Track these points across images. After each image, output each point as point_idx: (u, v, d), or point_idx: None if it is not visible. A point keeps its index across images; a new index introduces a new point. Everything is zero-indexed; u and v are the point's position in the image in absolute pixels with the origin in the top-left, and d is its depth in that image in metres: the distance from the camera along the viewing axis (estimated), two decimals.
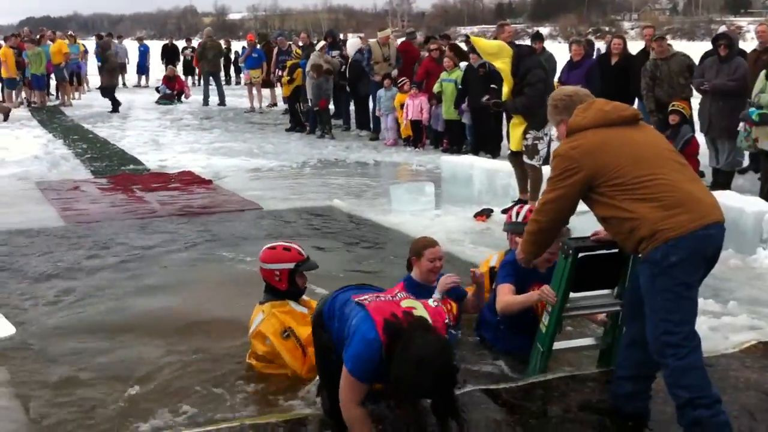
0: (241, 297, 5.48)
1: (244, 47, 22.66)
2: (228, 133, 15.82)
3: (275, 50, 18.59)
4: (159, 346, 4.95)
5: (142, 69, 27.45)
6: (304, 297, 4.65)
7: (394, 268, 6.55)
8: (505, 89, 8.16)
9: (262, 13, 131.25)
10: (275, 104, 20.19)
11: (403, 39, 15.84)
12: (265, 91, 20.22)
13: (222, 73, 24.60)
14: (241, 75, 26.96)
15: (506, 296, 4.47)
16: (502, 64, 8.02)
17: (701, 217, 3.44)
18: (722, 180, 9.07)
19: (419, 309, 3.53)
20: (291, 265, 4.47)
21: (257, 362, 4.50)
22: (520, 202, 7.58)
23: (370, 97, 14.77)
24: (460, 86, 12.17)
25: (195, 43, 28.19)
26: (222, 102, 20.79)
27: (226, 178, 10.87)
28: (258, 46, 20.09)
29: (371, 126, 15.06)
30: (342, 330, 3.64)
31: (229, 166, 11.79)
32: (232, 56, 28.85)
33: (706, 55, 10.24)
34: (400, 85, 13.58)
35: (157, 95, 22.13)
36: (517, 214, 4.92)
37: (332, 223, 8.24)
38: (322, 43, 16.14)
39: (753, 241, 6.58)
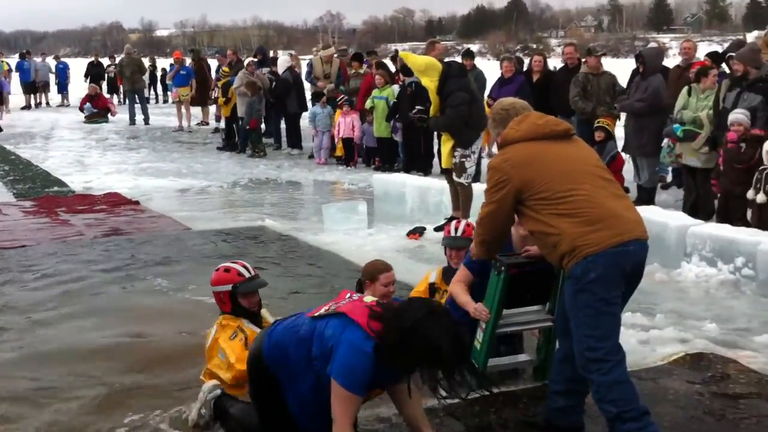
0: (170, 323, 5.36)
1: (171, 64, 22.33)
2: (155, 152, 15.54)
3: (216, 67, 18.37)
4: (81, 376, 4.80)
5: (62, 87, 26.77)
6: (267, 318, 4.48)
7: (328, 289, 6.52)
8: (432, 106, 8.21)
9: (191, 30, 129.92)
10: (206, 123, 19.93)
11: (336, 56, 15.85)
12: (195, 110, 19.94)
13: (147, 91, 24.17)
14: (169, 93, 26.62)
15: (457, 285, 4.45)
16: (429, 82, 8.06)
17: (619, 234, 3.48)
18: (645, 196, 9.29)
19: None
20: (227, 288, 4.35)
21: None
22: (453, 219, 7.61)
23: (301, 115, 14.75)
24: (395, 101, 12.20)
25: (118, 59, 27.68)
26: (146, 121, 20.38)
27: (154, 199, 10.64)
28: (187, 63, 19.83)
29: (302, 144, 15.01)
30: (307, 351, 3.41)
31: (157, 187, 11.56)
32: (159, 73, 28.39)
33: (635, 73, 10.52)
34: (338, 103, 13.58)
35: (81, 114, 21.57)
36: (456, 229, 4.94)
37: (264, 244, 8.13)
38: (249, 59, 16.01)
39: (677, 255, 6.74)
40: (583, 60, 10.96)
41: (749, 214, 7.29)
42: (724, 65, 9.74)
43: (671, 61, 11.33)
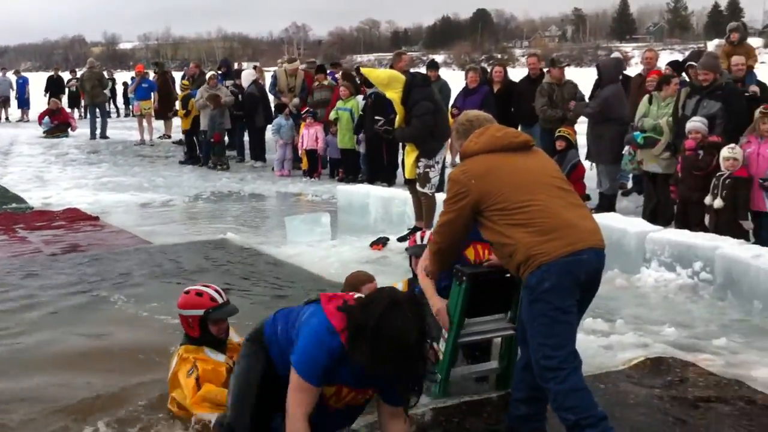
0: (128, 339, 5.27)
1: (132, 77, 22.15)
2: (116, 167, 15.37)
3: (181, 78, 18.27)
4: (31, 394, 4.69)
5: (22, 102, 26.42)
6: (234, 339, 4.39)
7: (291, 301, 6.46)
8: (398, 117, 8.23)
9: (154, 42, 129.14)
10: (168, 136, 19.79)
11: (304, 68, 15.82)
12: (158, 123, 19.78)
13: (108, 105, 23.96)
14: (130, 106, 26.44)
15: (427, 279, 4.36)
16: (393, 93, 8.08)
17: (572, 243, 3.51)
18: (606, 203, 9.36)
19: None
20: (200, 312, 4.23)
21: (178, 410, 4.23)
22: (417, 229, 7.60)
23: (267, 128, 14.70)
24: (361, 113, 12.20)
25: (80, 74, 27.44)
26: (103, 134, 20.12)
27: (115, 214, 10.51)
28: (150, 77, 19.66)
29: (265, 157, 14.97)
30: (288, 334, 3.38)
31: (118, 202, 11.43)
32: (120, 87, 28.18)
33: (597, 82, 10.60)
34: (303, 116, 13.55)
35: (41, 129, 21.27)
36: (422, 238, 4.93)
37: (226, 257, 8.06)
38: (211, 73, 15.93)
39: (637, 260, 6.80)
40: (546, 70, 11.06)
41: (707, 219, 7.38)
42: (684, 74, 9.87)
43: (634, 69, 11.47)
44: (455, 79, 14.18)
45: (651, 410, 4.32)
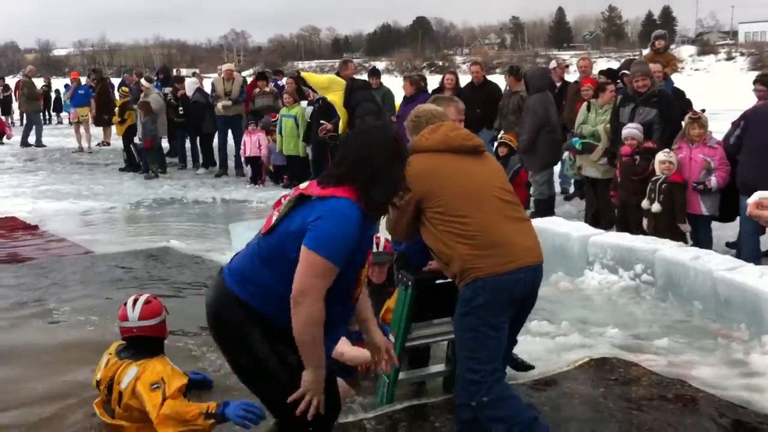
0: (71, 360, 5.16)
1: (67, 84, 21.69)
2: (55, 174, 15.01)
3: (118, 85, 17.92)
4: None
5: None
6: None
7: None
8: (341, 122, 8.23)
9: (90, 49, 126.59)
10: (107, 143, 19.42)
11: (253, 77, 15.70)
12: (96, 130, 19.38)
13: (43, 112, 23.48)
14: (62, 114, 25.89)
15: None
16: (335, 97, 8.09)
17: (509, 261, 3.52)
18: (544, 207, 9.45)
19: None
20: (165, 315, 4.37)
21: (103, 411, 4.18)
22: None
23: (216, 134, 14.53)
24: (308, 120, 12.13)
25: (11, 80, 26.83)
26: (38, 142, 19.62)
27: (54, 223, 10.26)
28: (84, 83, 19.27)
29: (216, 163, 14.78)
30: (278, 248, 3.05)
31: (57, 210, 11.16)
32: (53, 94, 27.56)
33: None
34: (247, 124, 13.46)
35: None
36: (377, 244, 4.91)
37: (169, 265, 7.94)
38: (142, 80, 15.72)
39: (580, 264, 6.93)
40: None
41: (645, 223, 7.56)
42: (619, 81, 10.09)
43: (573, 76, 11.69)
44: (398, 86, 14.24)
45: (596, 409, 4.41)
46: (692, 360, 5.13)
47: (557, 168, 10.30)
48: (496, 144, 9.81)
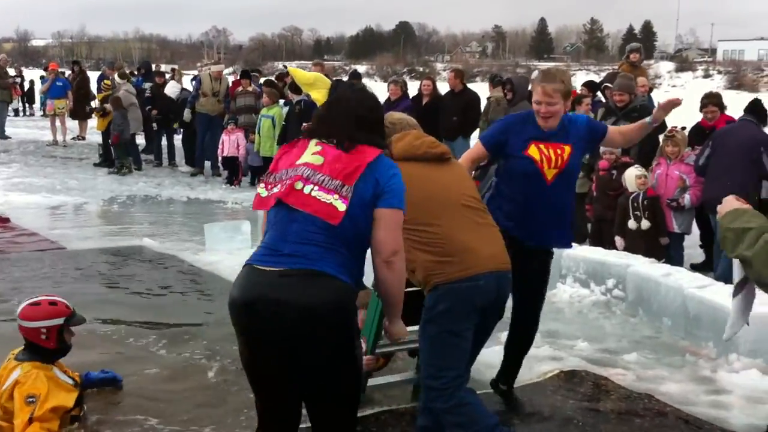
0: None
1: (42, 76, 21.42)
2: (28, 167, 14.81)
3: (98, 78, 17.76)
4: None
5: None
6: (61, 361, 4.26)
7: (208, 310, 6.39)
8: None
9: (68, 41, 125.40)
10: (82, 137, 19.22)
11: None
12: (72, 123, 19.18)
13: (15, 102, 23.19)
14: (35, 106, 25.63)
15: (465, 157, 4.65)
16: (318, 95, 8.01)
17: (467, 268, 3.50)
18: None
19: None
20: (60, 321, 4.12)
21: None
22: None
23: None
24: (284, 122, 12.10)
25: None
26: (1, 135, 19.21)
27: (26, 217, 10.13)
28: (65, 75, 19.08)
29: (196, 161, 14.68)
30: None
31: (29, 203, 11.02)
32: (27, 85, 27.30)
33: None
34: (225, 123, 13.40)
35: None
36: None
37: (142, 264, 7.88)
38: (116, 77, 15.61)
39: (553, 276, 6.85)
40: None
41: (618, 242, 7.59)
42: (600, 94, 10.18)
43: None
44: (378, 91, 14.21)
45: (564, 421, 4.43)
46: (660, 375, 5.18)
47: None
48: None
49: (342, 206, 2.89)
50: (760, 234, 2.14)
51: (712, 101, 8.18)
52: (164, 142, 15.60)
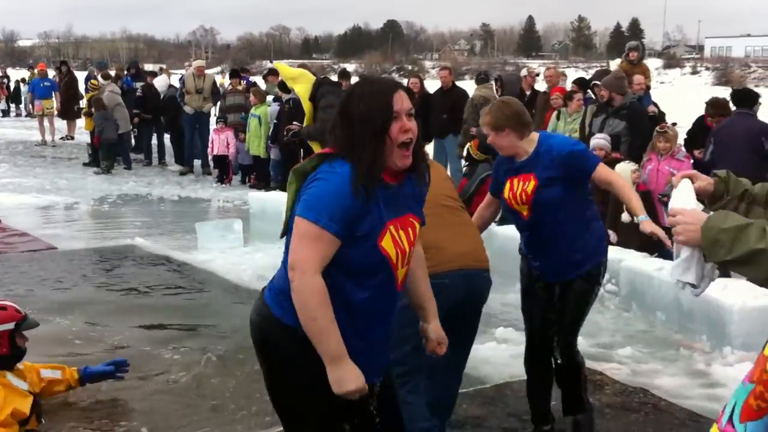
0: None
1: (23, 78, 21.33)
2: (17, 167, 14.76)
3: (85, 78, 17.70)
4: None
5: None
6: (21, 365, 4.17)
7: (204, 310, 6.37)
8: (306, 116, 8.07)
9: (55, 41, 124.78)
10: (71, 137, 19.15)
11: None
12: (60, 123, 19.10)
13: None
14: (21, 106, 25.59)
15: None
16: (300, 88, 7.95)
17: (435, 265, 3.34)
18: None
19: None
20: (10, 326, 4.02)
21: None
22: None
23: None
24: (275, 121, 12.07)
25: None
26: None
27: (16, 217, 10.07)
28: (51, 75, 18.99)
29: (183, 160, 14.65)
30: None
31: (19, 204, 10.96)
32: (12, 85, 27.18)
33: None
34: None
35: None
36: None
37: (134, 263, 7.85)
38: (99, 78, 15.56)
39: None
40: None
41: (612, 236, 7.60)
42: (590, 91, 10.20)
43: (541, 85, 11.77)
44: None
45: (559, 417, 4.43)
46: (655, 369, 5.20)
47: None
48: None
49: (284, 215, 2.62)
50: (763, 226, 2.08)
51: (718, 111, 8.08)
52: (154, 141, 15.55)
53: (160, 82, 15.52)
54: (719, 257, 2.11)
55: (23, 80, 26.29)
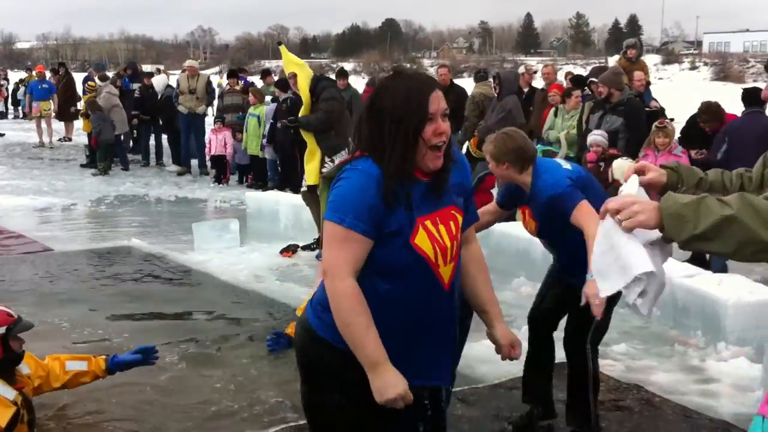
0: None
1: (22, 79, 21.32)
2: (14, 169, 14.77)
3: (83, 79, 17.72)
4: None
5: None
6: (30, 365, 4.14)
7: (200, 308, 6.37)
8: (304, 106, 8.05)
9: (53, 42, 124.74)
10: (69, 138, 19.15)
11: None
12: (58, 125, 19.09)
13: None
14: (20, 108, 25.65)
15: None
16: (303, 77, 7.94)
17: None
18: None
19: None
20: (2, 330, 3.94)
21: None
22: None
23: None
24: (272, 121, 12.04)
25: None
26: None
27: (13, 219, 10.08)
28: (48, 77, 18.99)
29: (180, 161, 14.64)
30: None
31: (16, 206, 10.96)
32: (11, 87, 27.20)
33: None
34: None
35: None
36: None
37: (131, 264, 7.85)
38: (96, 80, 15.57)
39: (542, 268, 6.88)
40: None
41: None
42: (588, 89, 10.19)
43: (540, 82, 11.76)
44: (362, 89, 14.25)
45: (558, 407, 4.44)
46: (650, 366, 5.20)
47: None
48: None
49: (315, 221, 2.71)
50: (720, 199, 1.97)
51: (710, 117, 7.95)
52: (152, 141, 15.55)
53: (158, 82, 15.52)
54: (686, 233, 1.92)
55: (21, 81, 26.30)
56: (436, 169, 2.39)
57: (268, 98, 12.77)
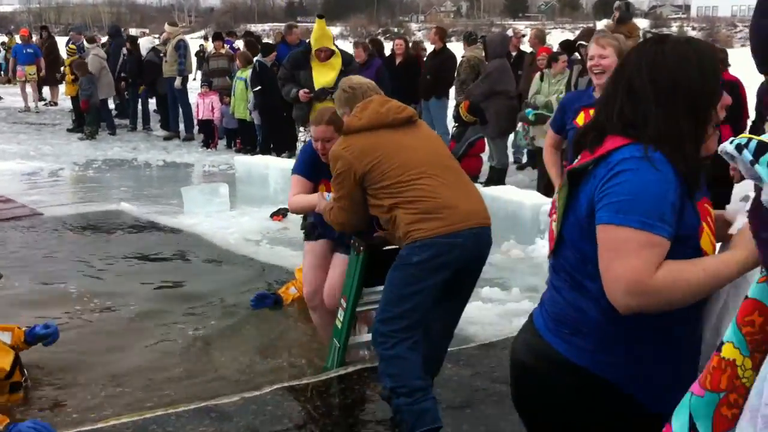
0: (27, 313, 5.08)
1: (3, 42, 21.03)
2: (0, 134, 14.63)
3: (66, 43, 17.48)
4: None
5: None
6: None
7: (194, 272, 6.40)
8: (330, 78, 7.83)
9: (36, 6, 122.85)
10: (55, 103, 18.96)
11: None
12: (45, 89, 18.88)
13: None
14: (0, 72, 25.30)
15: (547, 151, 5.02)
16: (338, 58, 7.73)
17: (449, 225, 3.49)
18: (496, 176, 9.50)
19: None
20: None
21: None
22: None
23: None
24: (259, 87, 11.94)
25: None
26: None
27: (0, 183, 10.03)
28: (33, 41, 18.74)
29: (169, 125, 14.52)
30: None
31: (3, 170, 10.89)
32: None
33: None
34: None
35: None
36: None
37: (122, 227, 7.85)
38: (85, 43, 15.38)
39: (532, 232, 7.01)
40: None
41: None
42: (576, 53, 10.16)
43: (526, 47, 11.73)
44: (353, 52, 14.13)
45: None
46: None
47: (510, 138, 10.37)
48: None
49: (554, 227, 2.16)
50: None
51: None
52: (139, 106, 15.44)
53: (144, 44, 15.36)
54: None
55: (2, 44, 25.91)
56: (711, 153, 1.97)
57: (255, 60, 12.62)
